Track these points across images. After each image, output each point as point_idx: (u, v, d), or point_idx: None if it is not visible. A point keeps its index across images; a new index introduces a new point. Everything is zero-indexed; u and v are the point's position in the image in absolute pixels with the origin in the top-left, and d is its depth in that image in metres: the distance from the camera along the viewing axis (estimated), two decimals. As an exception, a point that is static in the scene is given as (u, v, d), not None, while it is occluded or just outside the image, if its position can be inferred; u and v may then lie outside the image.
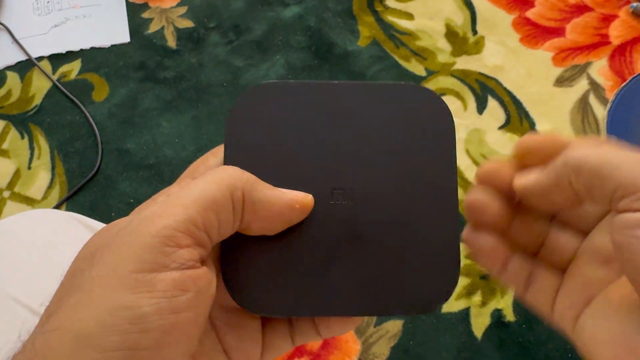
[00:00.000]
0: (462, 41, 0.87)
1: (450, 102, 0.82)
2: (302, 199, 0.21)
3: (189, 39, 0.91)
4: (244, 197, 0.20)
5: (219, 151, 0.23)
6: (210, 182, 0.20)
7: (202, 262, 0.19)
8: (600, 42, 0.85)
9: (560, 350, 0.65)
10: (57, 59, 0.90)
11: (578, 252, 0.22)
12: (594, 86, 0.81)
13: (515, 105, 0.81)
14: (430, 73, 0.85)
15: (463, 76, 0.84)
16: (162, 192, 0.21)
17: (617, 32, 0.85)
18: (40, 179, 0.81)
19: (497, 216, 0.22)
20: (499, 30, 0.87)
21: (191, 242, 0.19)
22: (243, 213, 0.20)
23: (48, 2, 0.95)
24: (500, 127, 0.80)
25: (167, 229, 0.18)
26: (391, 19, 0.90)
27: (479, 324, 0.67)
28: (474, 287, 0.69)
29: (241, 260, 0.21)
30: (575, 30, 0.86)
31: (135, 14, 0.93)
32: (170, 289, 0.18)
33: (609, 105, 0.79)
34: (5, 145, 0.84)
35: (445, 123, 0.23)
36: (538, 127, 0.79)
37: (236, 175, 0.20)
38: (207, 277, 0.19)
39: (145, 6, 0.94)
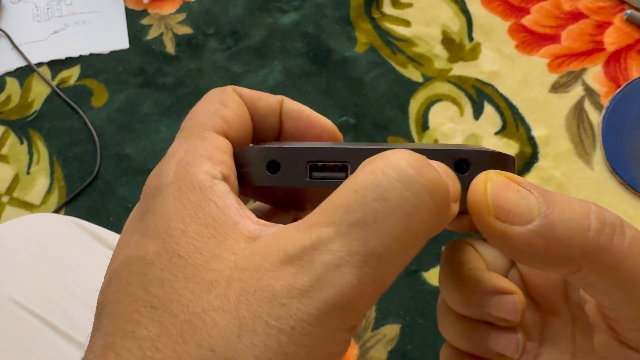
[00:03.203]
0: (458, 48, 0.88)
1: (447, 108, 0.83)
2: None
3: (187, 45, 0.91)
4: None
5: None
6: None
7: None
8: (595, 49, 0.86)
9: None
10: (56, 65, 0.90)
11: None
12: (589, 92, 0.82)
13: (511, 111, 0.82)
14: (427, 79, 0.86)
15: (459, 82, 0.85)
16: None
17: (611, 39, 0.86)
18: (39, 184, 0.81)
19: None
20: (495, 37, 0.88)
21: None
22: None
23: (48, 8, 0.96)
24: (497, 133, 0.81)
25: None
26: (388, 25, 0.91)
27: (476, 328, 0.67)
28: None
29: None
30: (571, 37, 0.87)
31: (134, 21, 0.94)
32: None
33: (603, 111, 0.80)
34: (4, 151, 0.84)
35: None
36: (534, 132, 0.80)
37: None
38: None
39: (144, 13, 0.95)
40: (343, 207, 0.14)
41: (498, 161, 0.17)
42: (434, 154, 0.16)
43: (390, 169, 0.14)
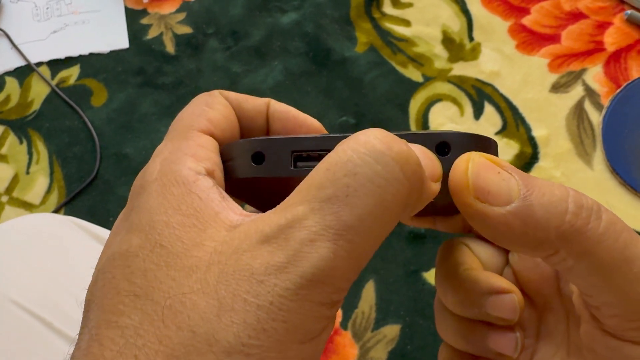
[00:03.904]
0: (458, 48, 0.88)
1: (447, 108, 0.83)
2: None
3: (187, 44, 0.91)
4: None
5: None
6: None
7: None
8: (595, 49, 0.86)
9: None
10: (56, 65, 0.90)
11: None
12: (589, 92, 0.82)
13: (512, 111, 0.82)
14: (427, 79, 0.86)
15: (460, 82, 0.85)
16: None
17: (611, 39, 0.86)
18: (38, 183, 0.81)
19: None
20: (495, 37, 0.88)
21: None
22: None
23: (47, 8, 0.96)
24: (497, 133, 0.80)
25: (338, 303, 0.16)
26: (388, 25, 0.91)
27: (476, 328, 0.67)
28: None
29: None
30: (571, 37, 0.87)
31: (134, 20, 0.94)
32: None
33: (604, 111, 0.80)
34: (3, 150, 0.84)
35: None
36: (534, 132, 0.80)
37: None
38: None
39: (144, 12, 0.95)
40: (315, 186, 0.14)
41: (479, 144, 0.17)
42: (415, 137, 0.17)
43: (360, 145, 0.14)
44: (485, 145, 0.18)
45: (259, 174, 0.17)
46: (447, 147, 0.17)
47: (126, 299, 0.15)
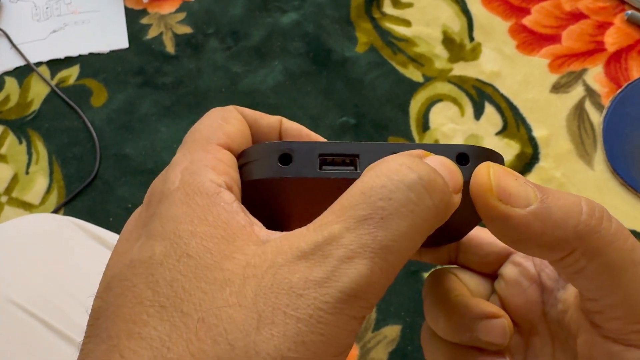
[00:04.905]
0: (459, 48, 0.88)
1: (447, 108, 0.83)
2: None
3: (187, 44, 0.91)
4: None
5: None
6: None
7: None
8: (595, 49, 0.85)
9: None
10: (55, 65, 0.90)
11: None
12: (590, 92, 0.82)
13: (512, 111, 0.82)
14: (428, 79, 0.85)
15: (460, 82, 0.85)
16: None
17: (612, 39, 0.86)
18: (38, 184, 0.81)
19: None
20: (495, 37, 0.88)
21: None
22: None
23: (47, 7, 0.96)
24: (497, 133, 0.80)
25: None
26: (389, 25, 0.91)
27: (477, 329, 0.67)
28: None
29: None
30: (571, 37, 0.87)
31: (134, 20, 0.94)
32: None
33: (604, 112, 0.79)
34: (3, 150, 0.84)
35: None
36: (535, 133, 0.80)
37: None
38: None
39: (144, 12, 0.94)
40: (351, 207, 0.15)
41: (491, 156, 0.19)
42: (436, 149, 0.18)
43: (392, 172, 0.15)
44: (497, 158, 0.19)
45: (285, 174, 0.17)
46: (465, 158, 0.18)
47: (150, 309, 0.15)
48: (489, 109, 0.82)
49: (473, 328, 0.22)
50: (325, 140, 0.22)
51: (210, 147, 0.18)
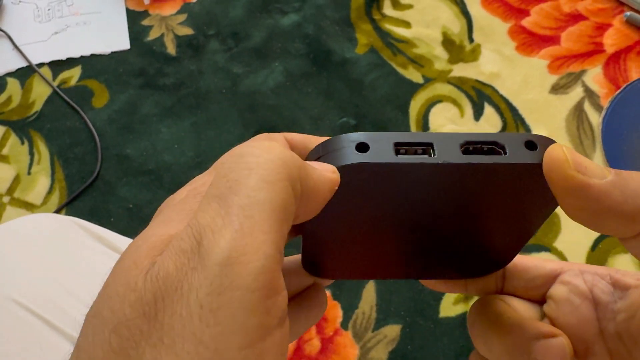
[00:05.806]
0: (458, 49, 0.88)
1: (447, 109, 0.83)
2: (336, 176, 0.18)
3: (188, 46, 0.92)
4: (301, 188, 0.16)
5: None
6: (268, 181, 0.15)
7: None
8: (594, 50, 0.86)
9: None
10: (57, 66, 0.91)
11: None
12: (589, 93, 0.82)
13: (512, 112, 0.82)
14: (428, 80, 0.86)
15: (460, 83, 0.85)
16: (192, 194, 0.18)
17: (611, 41, 0.86)
18: (39, 184, 0.81)
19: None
20: (495, 38, 0.88)
21: (283, 279, 0.15)
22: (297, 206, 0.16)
23: (49, 9, 0.96)
24: (497, 134, 0.81)
25: (265, 274, 0.14)
26: (389, 27, 0.91)
27: (476, 329, 0.68)
28: (471, 292, 0.70)
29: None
30: (570, 39, 0.87)
31: (135, 22, 0.94)
32: (278, 357, 0.14)
33: (603, 113, 0.80)
34: (5, 151, 0.84)
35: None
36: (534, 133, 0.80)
37: (289, 160, 0.16)
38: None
39: (145, 13, 0.95)
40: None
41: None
42: (508, 137, 0.19)
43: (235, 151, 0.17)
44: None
45: (363, 159, 0.18)
46: (534, 145, 0.19)
47: None
48: (488, 110, 0.83)
49: (530, 349, 0.20)
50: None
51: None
